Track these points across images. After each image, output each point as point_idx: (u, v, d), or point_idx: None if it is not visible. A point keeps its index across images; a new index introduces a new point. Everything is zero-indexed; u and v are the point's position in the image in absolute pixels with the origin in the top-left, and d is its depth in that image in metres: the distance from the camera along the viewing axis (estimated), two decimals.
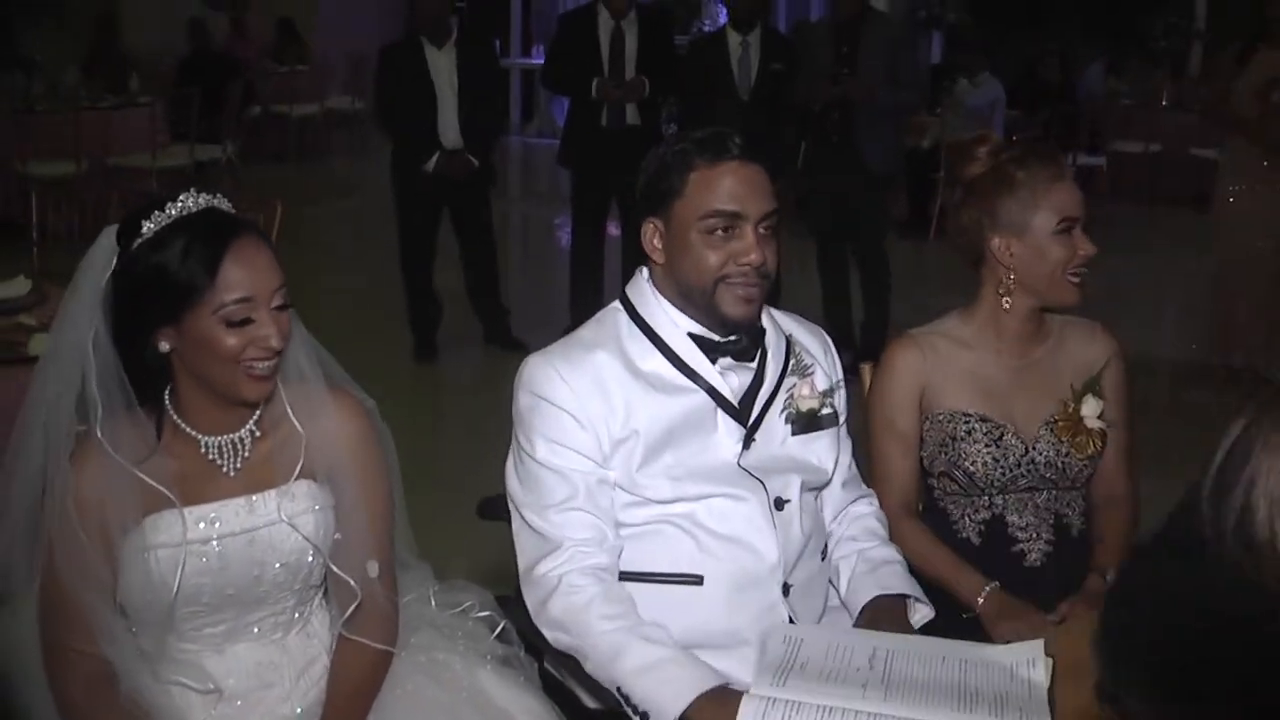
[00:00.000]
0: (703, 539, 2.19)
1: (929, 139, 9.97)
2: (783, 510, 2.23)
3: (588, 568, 2.15)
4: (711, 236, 2.17)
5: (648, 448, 2.18)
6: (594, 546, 2.16)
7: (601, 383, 2.21)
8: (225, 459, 2.00)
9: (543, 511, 2.19)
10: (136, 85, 11.12)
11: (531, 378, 2.24)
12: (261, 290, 1.91)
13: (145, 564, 1.92)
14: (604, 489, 2.19)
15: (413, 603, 2.22)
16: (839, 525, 2.42)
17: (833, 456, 2.35)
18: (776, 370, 2.29)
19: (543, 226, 10.33)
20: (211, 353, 1.89)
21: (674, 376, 2.23)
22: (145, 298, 1.89)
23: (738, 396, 2.24)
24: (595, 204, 6.91)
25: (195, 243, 1.87)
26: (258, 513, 2.00)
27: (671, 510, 2.20)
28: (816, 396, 2.30)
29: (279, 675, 2.06)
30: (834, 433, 2.35)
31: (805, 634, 2.10)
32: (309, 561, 2.04)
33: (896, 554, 2.39)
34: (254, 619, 2.04)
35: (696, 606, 2.18)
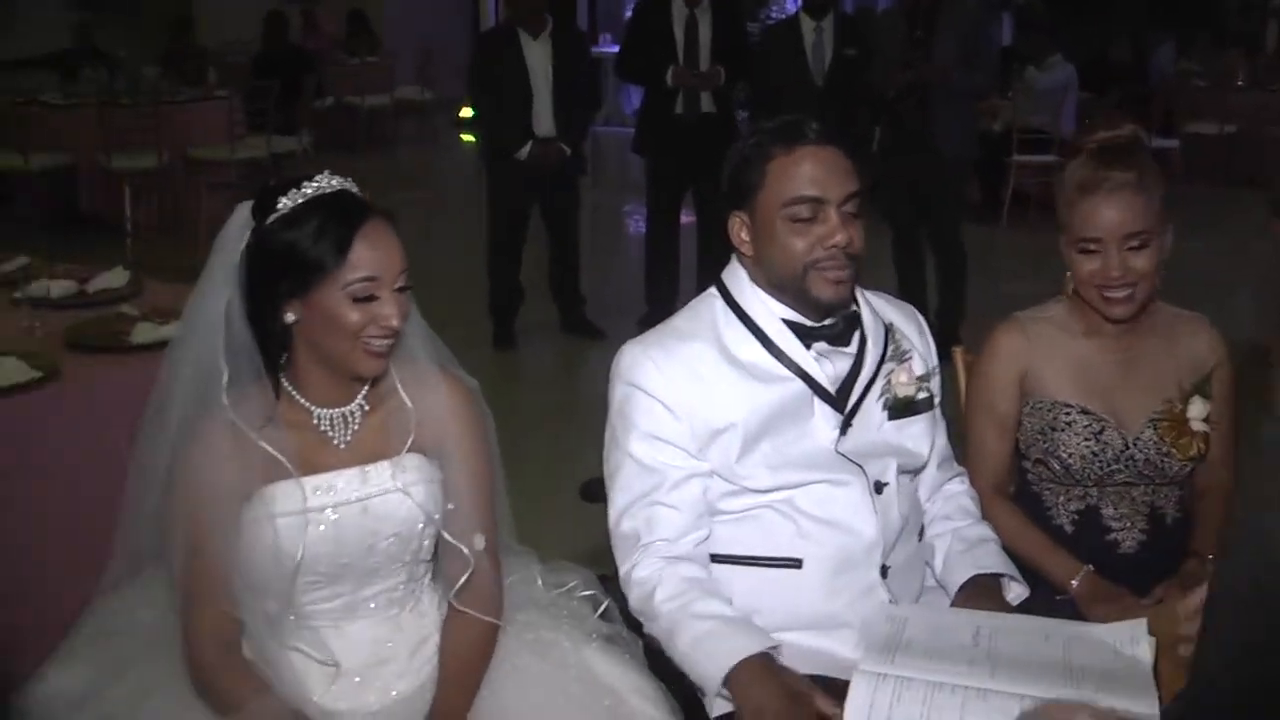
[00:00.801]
0: (802, 523, 2.22)
1: (1001, 122, 9.89)
2: (882, 494, 2.26)
3: (656, 558, 2.20)
4: (796, 223, 2.19)
5: (746, 438, 2.21)
6: (668, 542, 2.20)
7: (697, 372, 2.23)
8: (336, 431, 2.08)
9: (628, 509, 2.23)
10: (214, 79, 11.27)
11: (628, 367, 2.27)
12: (387, 271, 1.99)
13: (266, 533, 2.00)
14: (692, 482, 2.22)
15: (518, 583, 2.28)
16: (933, 504, 2.44)
17: (928, 440, 2.36)
18: (876, 357, 2.30)
19: (612, 214, 10.35)
20: (334, 326, 1.97)
21: (771, 365, 2.25)
22: (277, 270, 1.97)
23: (835, 384, 2.26)
24: (670, 192, 6.94)
25: (329, 221, 1.97)
26: (371, 482, 2.07)
27: (770, 497, 2.23)
28: (914, 383, 2.32)
29: (394, 652, 2.12)
30: (929, 416, 2.37)
31: (908, 613, 2.13)
32: (419, 531, 2.11)
33: (991, 532, 2.41)
34: (369, 594, 2.10)
35: (795, 590, 2.22)
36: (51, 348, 3.54)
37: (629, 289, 7.32)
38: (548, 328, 7.04)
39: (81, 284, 4.11)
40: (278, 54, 11.62)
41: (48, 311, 3.74)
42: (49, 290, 3.82)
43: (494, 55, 6.59)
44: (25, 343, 3.58)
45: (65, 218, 9.61)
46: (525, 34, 6.51)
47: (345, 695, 2.07)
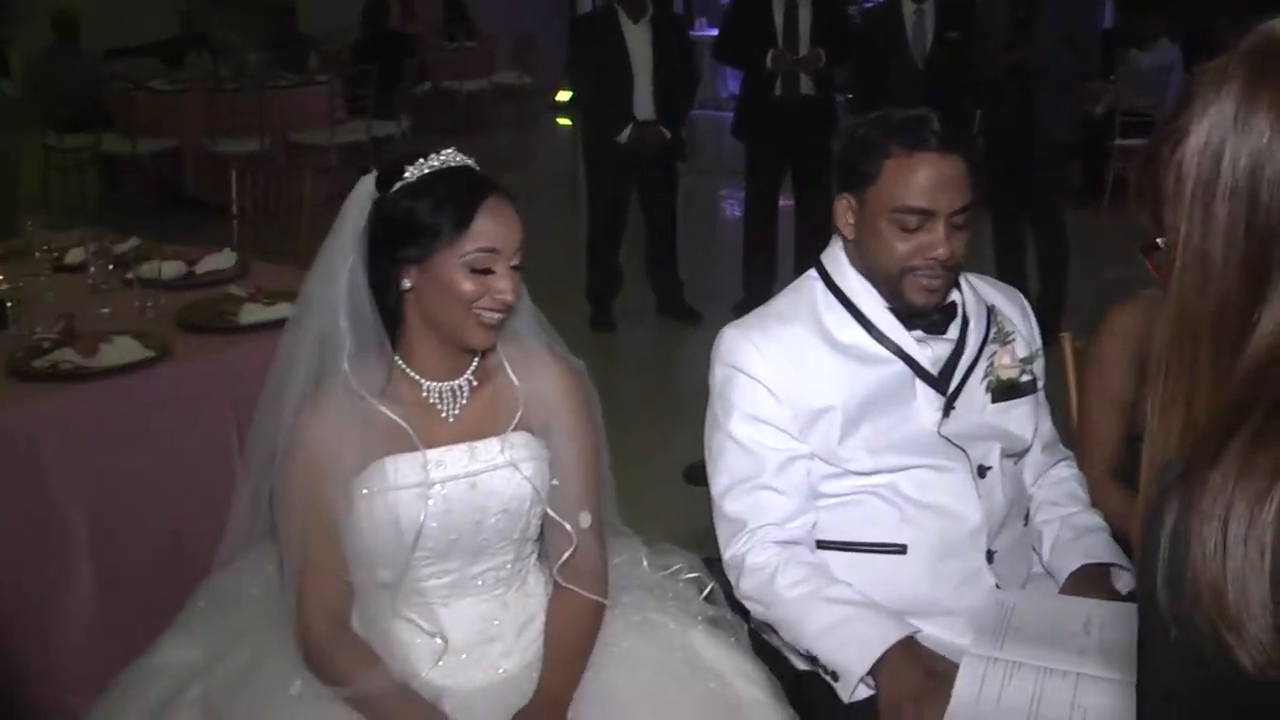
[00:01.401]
0: (906, 509, 2.21)
1: (1103, 105, 9.71)
2: (985, 477, 2.23)
3: (765, 542, 2.20)
4: (902, 230, 2.16)
5: (846, 420, 2.20)
6: (777, 526, 2.20)
7: (798, 355, 2.23)
8: (445, 405, 2.10)
9: (730, 490, 2.24)
10: (316, 64, 11.41)
11: (728, 350, 2.27)
12: (506, 246, 2.01)
13: (385, 505, 2.02)
14: (796, 464, 2.22)
15: (624, 565, 2.29)
16: (1039, 489, 2.41)
17: (1032, 424, 2.33)
18: (978, 339, 2.28)
19: (708, 198, 10.33)
20: (449, 295, 1.99)
21: (871, 347, 2.23)
22: (398, 236, 2.00)
23: (937, 366, 2.24)
24: (769, 176, 6.91)
25: (453, 191, 2.00)
26: (479, 458, 2.09)
27: (872, 481, 2.22)
28: (1017, 365, 2.29)
29: (500, 630, 2.13)
30: (1033, 399, 2.34)
31: (1017, 598, 2.11)
32: (527, 509, 2.12)
33: (1100, 520, 2.37)
34: (477, 571, 2.12)
35: (900, 576, 2.20)
36: (163, 327, 3.62)
37: (726, 273, 7.30)
38: (645, 311, 7.06)
39: (190, 265, 4.20)
40: (377, 39, 11.71)
41: (158, 291, 3.81)
42: (160, 271, 3.88)
43: (594, 39, 6.61)
44: (138, 322, 3.66)
45: (170, 200, 9.82)
46: (626, 17, 6.52)
47: (452, 672, 2.08)
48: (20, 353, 3.35)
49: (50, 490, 3.12)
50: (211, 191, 9.37)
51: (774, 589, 2.17)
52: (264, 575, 2.21)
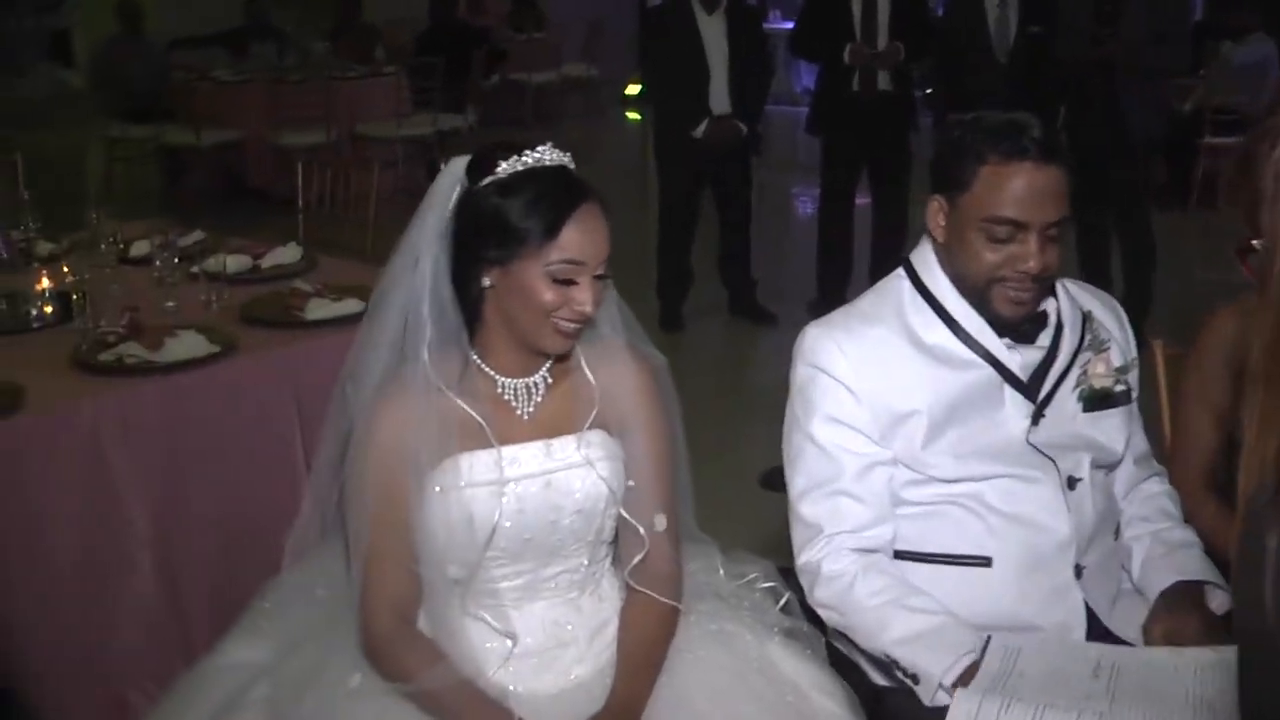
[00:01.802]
0: (991, 520, 2.18)
1: (1192, 102, 9.56)
2: (1075, 489, 2.20)
3: (841, 549, 2.18)
4: (991, 238, 2.13)
5: (931, 425, 2.18)
6: (852, 531, 2.19)
7: (882, 356, 2.21)
8: (520, 402, 2.10)
9: (807, 494, 2.22)
10: (382, 55, 11.48)
11: (811, 349, 2.25)
12: (592, 258, 1.99)
13: (459, 502, 2.01)
14: (876, 471, 2.20)
15: (699, 571, 2.27)
16: (1130, 504, 2.37)
17: (1124, 435, 2.30)
18: (1072, 346, 2.25)
19: (781, 195, 10.29)
20: (528, 301, 1.98)
21: (959, 350, 2.21)
22: (484, 233, 1.98)
23: (1028, 373, 2.21)
24: (845, 173, 6.86)
25: (545, 196, 1.97)
26: (555, 456, 2.08)
27: (956, 490, 2.19)
28: (1111, 374, 2.26)
29: (573, 635, 2.12)
30: (1126, 410, 2.31)
31: (1023, 643, 2.05)
32: (602, 509, 2.11)
33: (1193, 536, 2.33)
34: (550, 573, 2.11)
35: (984, 589, 2.18)
36: (227, 322, 3.65)
37: (799, 272, 7.26)
38: (716, 310, 7.03)
39: (256, 259, 4.23)
40: (444, 30, 11.76)
41: (223, 285, 3.85)
42: (225, 265, 3.92)
43: (667, 31, 6.59)
44: (204, 316, 3.70)
45: (232, 192, 9.93)
46: (700, 9, 6.49)
47: (522, 677, 2.08)
48: (85, 345, 3.40)
49: (112, 484, 3.17)
50: (274, 184, 9.49)
51: (852, 597, 2.15)
52: (331, 574, 2.21)
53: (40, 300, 3.79)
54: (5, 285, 3.93)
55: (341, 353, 3.39)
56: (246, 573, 3.29)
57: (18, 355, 3.46)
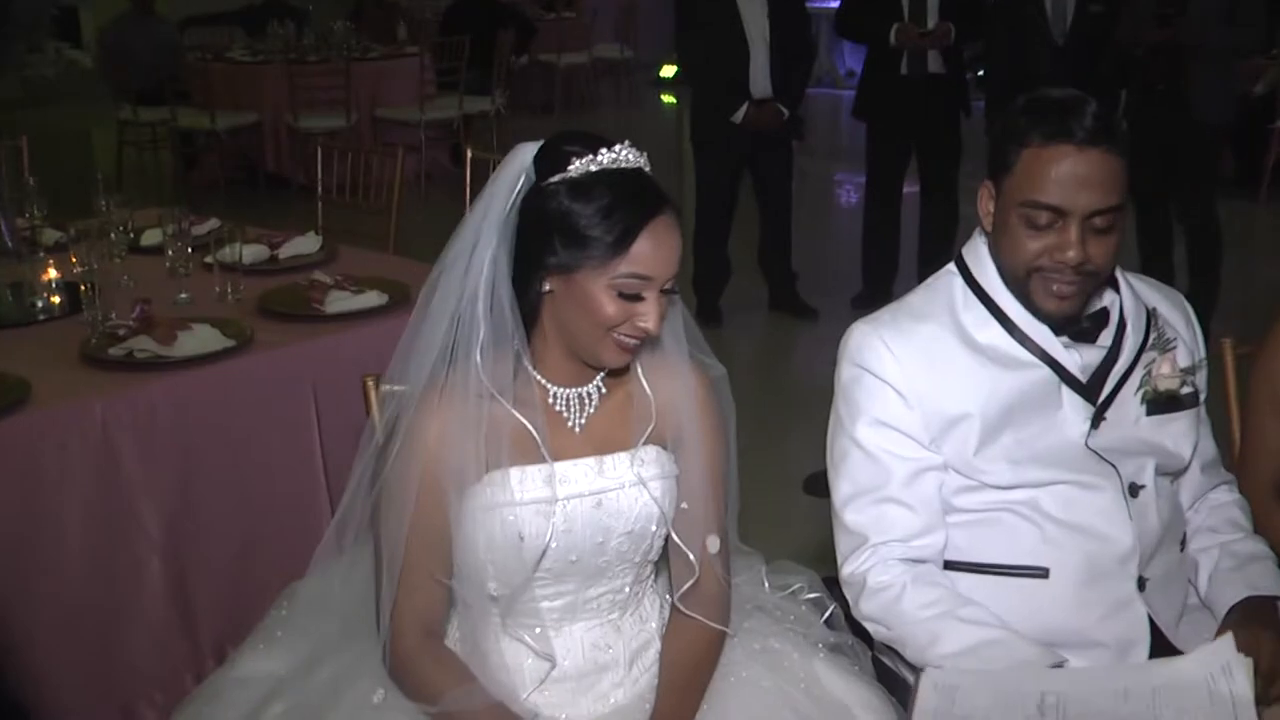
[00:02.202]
0: (1048, 528, 2.16)
1: (1264, 84, 9.46)
2: (1137, 497, 2.18)
3: (888, 559, 2.17)
4: (1030, 224, 2.10)
5: (985, 429, 2.16)
6: (900, 541, 2.17)
7: (932, 356, 2.19)
8: (572, 413, 2.06)
9: (852, 500, 2.21)
10: (404, 34, 11.50)
11: (857, 348, 2.24)
12: (662, 273, 1.93)
13: (498, 521, 1.98)
14: (926, 477, 2.18)
15: (743, 584, 2.24)
16: (1197, 514, 2.34)
17: (1191, 440, 2.27)
18: (1135, 345, 2.22)
19: (823, 183, 10.25)
20: (589, 313, 1.93)
21: (1013, 349, 2.18)
22: (549, 236, 1.91)
23: (1087, 373, 2.19)
24: (892, 160, 6.83)
25: (620, 204, 1.90)
26: (607, 474, 2.04)
27: (1011, 497, 2.17)
28: (1177, 375, 2.22)
29: (613, 659, 2.10)
30: (1193, 414, 2.27)
31: (959, 680, 1.97)
32: (653, 531, 2.08)
33: (1266, 549, 2.30)
34: (593, 594, 2.08)
35: (1041, 601, 2.16)
36: (244, 314, 3.66)
37: (843, 265, 7.23)
38: (756, 305, 7.01)
39: (273, 249, 4.24)
40: (469, 8, 11.73)
41: (239, 276, 3.86)
42: (240, 255, 3.92)
43: (705, 12, 6.54)
44: (218, 308, 3.71)
45: (249, 177, 9.96)
46: None
47: (560, 702, 2.06)
48: (94, 339, 3.40)
49: (123, 484, 3.18)
50: (292, 169, 9.52)
51: (899, 609, 2.14)
52: (352, 583, 2.18)
53: (47, 291, 3.80)
54: (10, 275, 3.93)
55: (362, 347, 3.47)
56: (259, 577, 3.33)
57: (24, 349, 3.47)
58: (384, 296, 3.70)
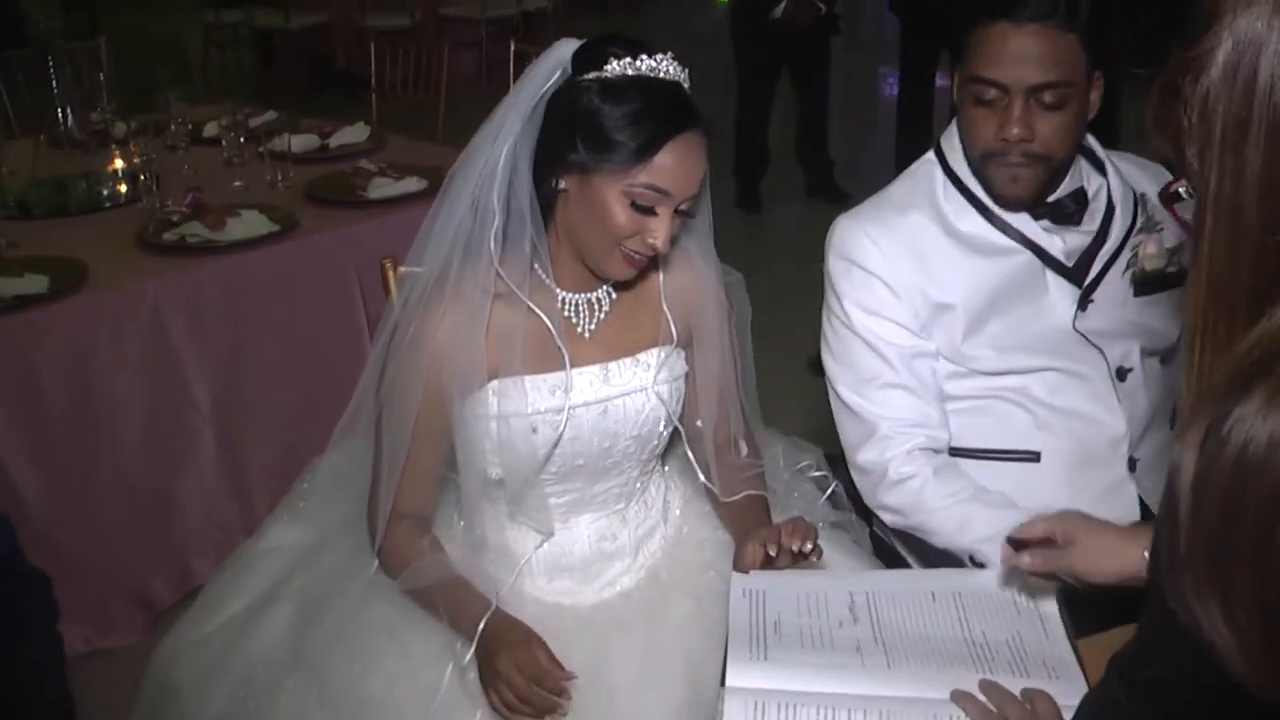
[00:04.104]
0: (1039, 413, 2.05)
1: None
2: (1125, 380, 2.06)
3: (911, 451, 2.05)
4: (978, 105, 1.94)
5: (970, 317, 2.03)
6: (913, 426, 2.05)
7: (916, 247, 2.05)
8: (582, 319, 1.91)
9: (858, 388, 2.09)
10: None
11: (842, 241, 2.10)
12: (680, 191, 1.76)
13: (504, 428, 1.84)
14: (922, 360, 2.06)
15: None
16: None
17: (1178, 320, 2.13)
18: (1123, 228, 2.07)
19: (864, 76, 9.99)
20: (599, 219, 1.77)
21: (994, 236, 2.04)
22: (573, 132, 1.75)
23: (1073, 257, 2.04)
24: (924, 53, 6.58)
25: (650, 112, 1.73)
26: (613, 381, 1.90)
27: (1001, 383, 2.06)
28: (1163, 254, 2.08)
29: (619, 548, 2.00)
30: (1179, 293, 2.13)
31: (764, 583, 1.77)
32: (660, 432, 1.96)
33: None
34: (599, 490, 1.97)
35: (1034, 485, 2.04)
36: (291, 201, 3.60)
37: (879, 154, 7.04)
38: (793, 192, 6.85)
39: (324, 139, 4.16)
40: None
41: (290, 165, 3.78)
42: (289, 144, 3.84)
43: None
44: (268, 195, 3.64)
45: (321, 76, 9.83)
46: None
47: (567, 590, 1.97)
48: (150, 226, 3.36)
49: (176, 361, 3.16)
50: (362, 67, 9.36)
51: (922, 499, 2.03)
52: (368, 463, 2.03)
53: (113, 180, 3.77)
54: (81, 165, 3.93)
55: (404, 231, 3.37)
56: (307, 448, 3.26)
57: (89, 234, 3.45)
58: (424, 182, 3.61)
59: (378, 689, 1.80)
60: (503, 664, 1.70)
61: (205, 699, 1.95)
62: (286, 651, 1.92)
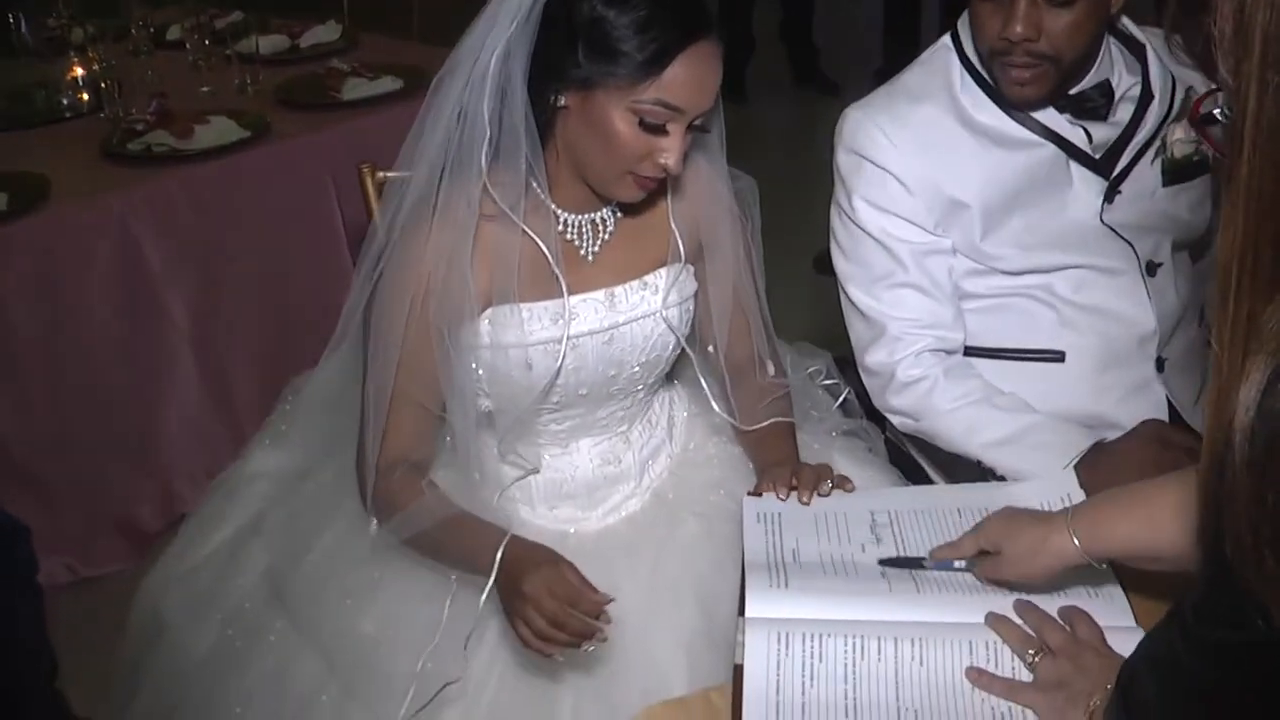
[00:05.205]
0: (1065, 311, 1.95)
1: None
2: (1155, 275, 1.96)
3: (920, 352, 1.95)
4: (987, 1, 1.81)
5: (988, 214, 1.92)
6: (924, 328, 1.95)
7: (931, 140, 1.92)
8: (585, 241, 1.76)
9: (868, 288, 1.98)
10: None
11: (852, 134, 1.97)
12: (694, 108, 1.60)
13: (501, 359, 1.72)
14: (937, 258, 1.95)
15: None
16: None
17: (1206, 207, 2.02)
18: (1158, 117, 1.94)
19: None
20: (605, 139, 1.61)
21: (1014, 130, 1.92)
22: (574, 42, 1.58)
23: (1101, 149, 1.92)
24: None
25: (659, 19, 1.56)
26: (619, 308, 1.77)
27: (1024, 281, 1.95)
28: (1192, 140, 1.95)
29: (623, 471, 1.89)
30: (1206, 181, 2.01)
31: (779, 506, 1.68)
32: (668, 355, 1.85)
33: None
34: (602, 414, 1.86)
35: (1058, 386, 1.95)
36: (262, 105, 3.46)
37: (866, 40, 6.87)
38: (779, 80, 6.68)
39: (294, 39, 3.99)
40: None
41: (259, 67, 3.63)
42: (257, 46, 3.68)
43: None
44: (236, 100, 3.50)
45: None
46: None
47: (570, 517, 1.87)
48: (115, 136, 3.23)
49: (148, 277, 3.05)
50: None
51: (931, 402, 1.93)
52: (351, 376, 1.92)
53: (73, 90, 3.61)
54: (36, 75, 3.76)
55: (381, 134, 3.26)
56: (290, 361, 3.18)
57: (49, 146, 3.33)
58: (399, 81, 3.46)
59: (372, 627, 1.71)
60: (530, 587, 1.53)
61: (193, 634, 1.87)
62: (274, 585, 1.83)
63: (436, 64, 1.71)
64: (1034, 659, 1.35)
